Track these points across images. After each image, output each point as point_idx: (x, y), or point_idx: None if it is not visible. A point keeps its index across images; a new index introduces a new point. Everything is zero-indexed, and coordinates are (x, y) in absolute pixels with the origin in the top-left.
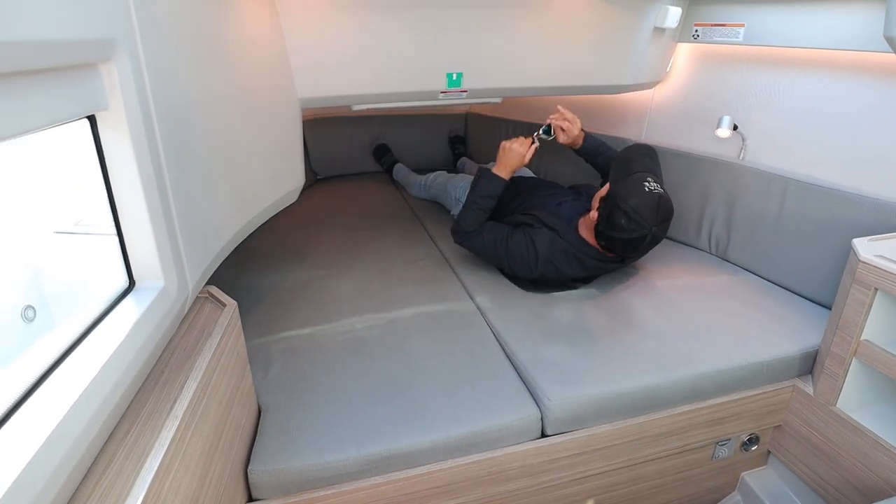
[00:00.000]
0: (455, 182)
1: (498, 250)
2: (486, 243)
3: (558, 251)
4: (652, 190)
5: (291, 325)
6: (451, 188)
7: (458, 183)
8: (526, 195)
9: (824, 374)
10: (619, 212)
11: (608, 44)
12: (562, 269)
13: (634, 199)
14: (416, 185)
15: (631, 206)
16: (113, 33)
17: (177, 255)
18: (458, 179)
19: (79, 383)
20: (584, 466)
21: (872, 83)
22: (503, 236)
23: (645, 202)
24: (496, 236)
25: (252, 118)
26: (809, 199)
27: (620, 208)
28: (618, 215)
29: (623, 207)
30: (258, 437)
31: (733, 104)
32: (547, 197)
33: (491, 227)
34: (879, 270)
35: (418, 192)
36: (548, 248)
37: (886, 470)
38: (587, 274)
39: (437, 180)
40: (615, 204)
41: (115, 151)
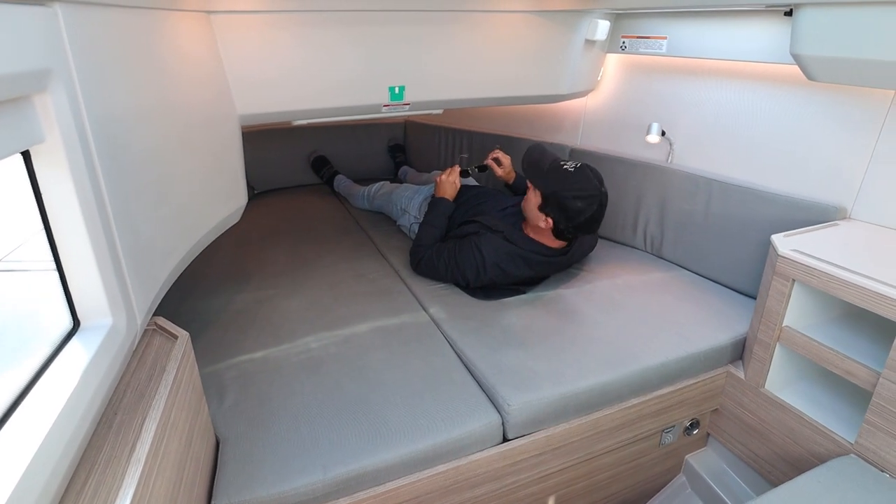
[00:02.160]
0: (399, 192)
1: (450, 265)
2: (439, 263)
3: (504, 254)
4: (574, 166)
5: (243, 349)
6: (396, 198)
7: (402, 193)
8: (471, 202)
9: (753, 359)
10: (570, 201)
11: (544, 56)
12: (509, 270)
13: (571, 182)
14: (358, 196)
15: (575, 189)
16: (46, 63)
17: (123, 288)
18: (402, 189)
19: (29, 445)
20: (544, 466)
21: (782, 92)
22: (451, 250)
23: (580, 178)
24: (445, 253)
25: (192, 139)
26: (731, 198)
27: (569, 197)
28: (571, 203)
29: (570, 194)
30: (219, 469)
31: (661, 111)
32: (491, 203)
33: (439, 247)
34: (796, 263)
35: (361, 203)
36: (494, 253)
37: (810, 442)
38: (534, 273)
39: (380, 191)
40: (562, 198)
41: (52, 185)
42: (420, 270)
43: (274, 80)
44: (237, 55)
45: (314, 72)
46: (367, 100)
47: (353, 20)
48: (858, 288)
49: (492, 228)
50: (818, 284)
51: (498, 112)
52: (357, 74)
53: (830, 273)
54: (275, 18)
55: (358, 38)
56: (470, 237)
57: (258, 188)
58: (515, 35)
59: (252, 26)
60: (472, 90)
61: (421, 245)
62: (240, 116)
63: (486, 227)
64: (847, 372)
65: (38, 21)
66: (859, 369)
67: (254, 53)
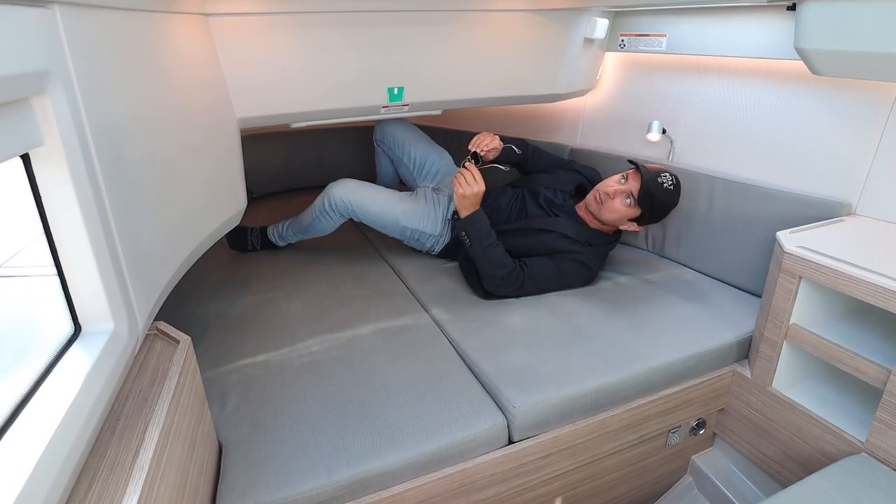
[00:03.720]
0: (408, 218)
1: (551, 285)
2: (541, 282)
3: (602, 259)
4: (671, 183)
5: (244, 353)
6: (407, 228)
7: (413, 219)
8: (493, 206)
9: (759, 357)
10: (665, 214)
11: (542, 55)
12: (599, 270)
13: (671, 200)
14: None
15: (671, 206)
16: (45, 65)
17: (125, 293)
18: (407, 214)
19: (32, 452)
20: (550, 468)
21: (784, 88)
22: (554, 273)
23: (677, 194)
24: (546, 277)
25: (192, 142)
26: (734, 195)
27: (667, 212)
28: (665, 214)
29: (668, 210)
30: (222, 475)
31: (661, 109)
32: (515, 203)
33: (533, 271)
34: (803, 260)
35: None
36: (597, 262)
37: (820, 441)
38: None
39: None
40: (663, 214)
41: (53, 189)
42: (522, 293)
43: (272, 82)
44: (235, 58)
45: (312, 74)
46: (366, 101)
47: (350, 21)
48: (867, 284)
49: (581, 241)
50: (825, 281)
51: (496, 112)
52: (356, 76)
53: (838, 269)
54: (272, 20)
55: (356, 39)
56: (570, 255)
57: (256, 192)
58: (514, 34)
59: (249, 29)
60: (470, 90)
61: (502, 265)
62: (238, 119)
63: (567, 238)
64: (856, 369)
65: (37, 22)
66: (869, 367)
67: (252, 56)
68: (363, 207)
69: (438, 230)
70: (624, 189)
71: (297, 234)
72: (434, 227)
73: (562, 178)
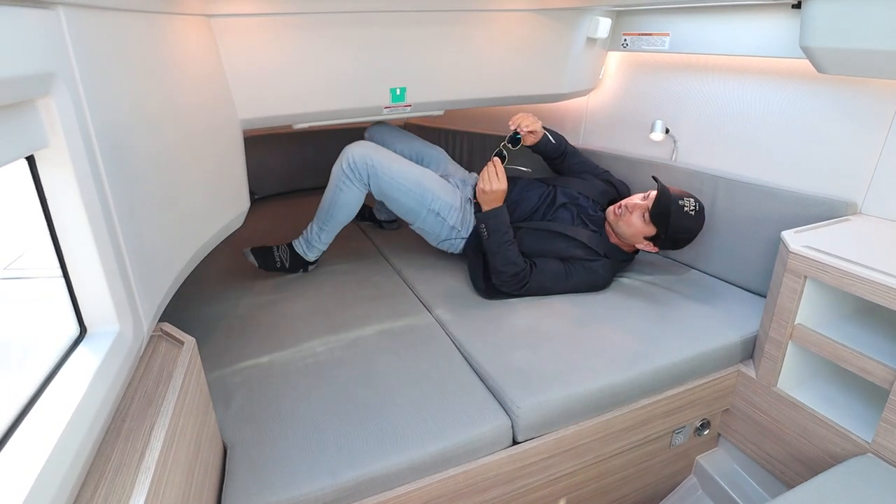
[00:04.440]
0: (435, 191)
1: (556, 287)
2: (546, 283)
3: (612, 272)
4: (694, 209)
5: (248, 354)
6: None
7: (438, 194)
8: (516, 203)
9: (764, 357)
10: (682, 239)
11: (545, 55)
12: (607, 283)
13: (690, 225)
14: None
15: (692, 232)
16: (50, 67)
17: (130, 294)
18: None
19: (40, 453)
20: (555, 468)
21: (789, 87)
22: (562, 274)
23: (697, 221)
24: (553, 278)
25: (195, 144)
26: (738, 195)
27: (685, 238)
28: (682, 239)
29: (686, 236)
30: (227, 475)
31: (664, 108)
32: (539, 201)
33: (542, 267)
34: (808, 260)
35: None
36: (608, 273)
37: (826, 442)
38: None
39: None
40: (679, 239)
41: (58, 191)
42: (526, 292)
43: (274, 83)
44: (237, 59)
45: (315, 74)
46: (369, 102)
47: (353, 21)
48: (873, 283)
49: (599, 252)
50: (831, 281)
51: (497, 113)
52: (358, 76)
53: (844, 269)
54: (274, 21)
55: (359, 39)
56: (584, 262)
57: (259, 193)
58: (516, 34)
59: (252, 30)
60: (473, 90)
61: (514, 263)
62: (241, 121)
63: (593, 252)
64: (863, 370)
65: (41, 24)
66: (876, 367)
67: (254, 57)
68: (382, 163)
69: (453, 219)
70: (644, 205)
71: (323, 226)
72: (450, 213)
73: (597, 188)
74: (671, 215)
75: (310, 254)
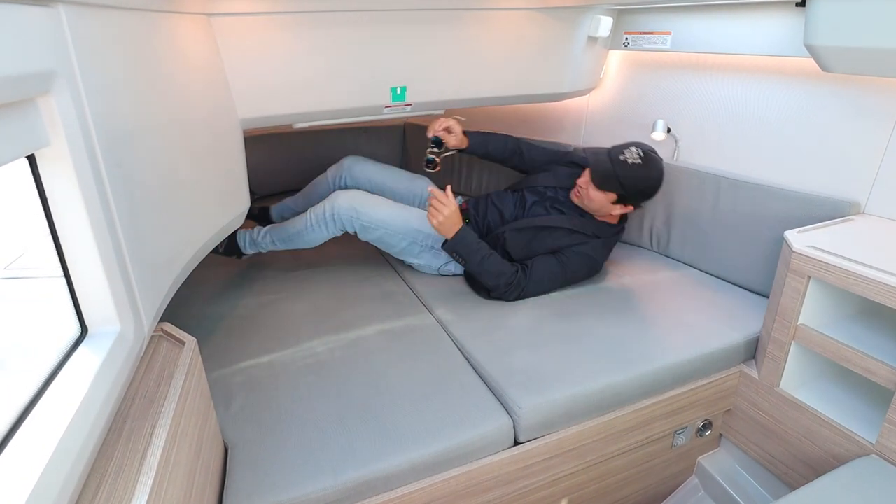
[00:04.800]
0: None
1: (555, 284)
2: (546, 283)
3: (608, 249)
4: (639, 156)
5: (248, 354)
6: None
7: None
8: (499, 210)
9: (767, 358)
10: (651, 189)
11: (546, 54)
12: (604, 261)
13: (647, 174)
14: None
15: (653, 179)
16: (51, 65)
17: (131, 294)
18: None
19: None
20: (556, 469)
21: (791, 86)
22: (557, 270)
23: (651, 167)
24: (550, 277)
25: (195, 143)
26: (740, 194)
27: (650, 187)
28: (652, 191)
29: (651, 185)
30: (228, 476)
31: (665, 108)
32: (516, 204)
33: (535, 273)
34: (812, 260)
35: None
36: (602, 253)
37: (829, 442)
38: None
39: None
40: (645, 191)
41: (59, 190)
42: (526, 296)
43: (275, 82)
44: (238, 58)
45: (315, 74)
46: (369, 101)
47: (353, 20)
48: (877, 283)
49: (587, 234)
50: (835, 281)
51: (498, 112)
52: (358, 75)
53: (848, 269)
54: (275, 20)
55: (359, 38)
56: (574, 248)
57: (259, 193)
58: (517, 33)
59: (252, 29)
60: (473, 89)
61: (502, 273)
62: (241, 120)
63: (577, 233)
64: (867, 370)
65: (42, 22)
66: (880, 367)
67: (254, 56)
68: (369, 214)
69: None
70: (588, 178)
71: (278, 242)
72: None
73: (560, 174)
74: (617, 174)
75: (249, 249)
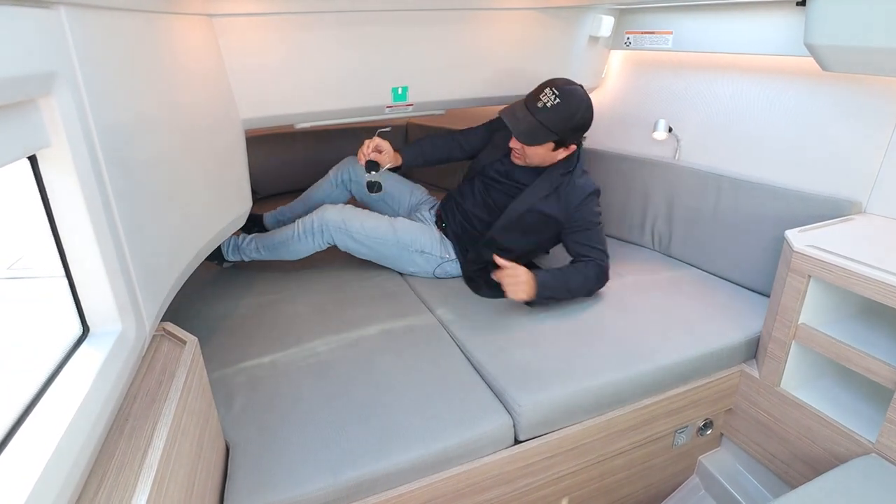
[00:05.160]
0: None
1: (601, 229)
2: (604, 241)
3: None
4: (555, 97)
5: (250, 354)
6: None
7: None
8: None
9: (768, 357)
10: (585, 121)
11: (547, 53)
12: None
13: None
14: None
15: (582, 110)
16: (51, 66)
17: (132, 294)
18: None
19: (43, 451)
20: (557, 468)
21: (793, 85)
22: (595, 225)
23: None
24: (598, 234)
25: (197, 143)
26: (742, 194)
27: (583, 121)
28: (586, 122)
29: (582, 119)
30: (229, 475)
31: (667, 107)
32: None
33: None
34: (812, 259)
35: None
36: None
37: (829, 442)
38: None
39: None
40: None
41: (60, 190)
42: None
43: (276, 83)
44: (239, 58)
45: (317, 74)
46: (371, 101)
47: (355, 21)
48: (878, 283)
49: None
50: (836, 280)
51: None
52: (360, 75)
53: (849, 268)
54: (276, 21)
55: (360, 38)
56: (575, 211)
57: (261, 193)
58: (518, 33)
59: (253, 29)
60: (474, 89)
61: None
62: (243, 120)
63: (549, 195)
64: (867, 370)
65: (42, 23)
66: (880, 367)
67: (255, 56)
68: (358, 231)
69: (437, 250)
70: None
71: (263, 250)
72: (433, 246)
73: (498, 142)
74: (541, 122)
75: (231, 256)
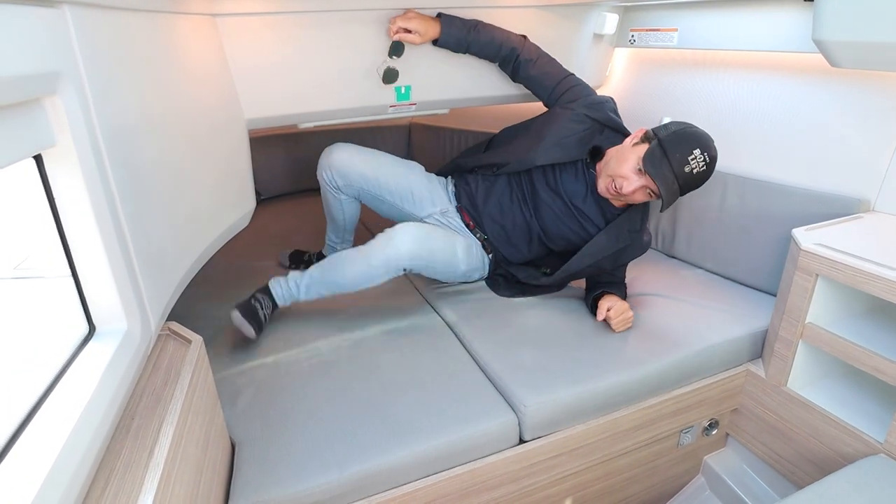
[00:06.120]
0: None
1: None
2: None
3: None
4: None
5: (254, 354)
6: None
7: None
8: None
9: (774, 356)
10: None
11: (551, 51)
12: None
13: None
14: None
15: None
16: (56, 66)
17: (138, 294)
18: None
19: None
20: (562, 467)
21: (800, 82)
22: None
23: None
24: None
25: (201, 143)
26: (748, 192)
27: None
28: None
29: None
30: (235, 471)
31: (672, 105)
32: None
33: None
34: (820, 258)
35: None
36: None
37: (837, 441)
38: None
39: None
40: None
41: (65, 190)
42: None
43: (280, 82)
44: (243, 58)
45: (320, 73)
46: (374, 100)
47: (359, 19)
48: (887, 281)
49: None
50: (844, 279)
51: (502, 112)
52: (363, 75)
53: (857, 267)
54: (280, 20)
55: (364, 37)
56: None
57: (265, 194)
58: (522, 30)
59: (257, 29)
60: (479, 88)
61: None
62: (247, 120)
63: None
64: (875, 369)
65: (47, 23)
66: (889, 366)
67: (259, 56)
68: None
69: (480, 269)
70: (643, 185)
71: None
72: (483, 266)
73: (566, 139)
74: (681, 187)
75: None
